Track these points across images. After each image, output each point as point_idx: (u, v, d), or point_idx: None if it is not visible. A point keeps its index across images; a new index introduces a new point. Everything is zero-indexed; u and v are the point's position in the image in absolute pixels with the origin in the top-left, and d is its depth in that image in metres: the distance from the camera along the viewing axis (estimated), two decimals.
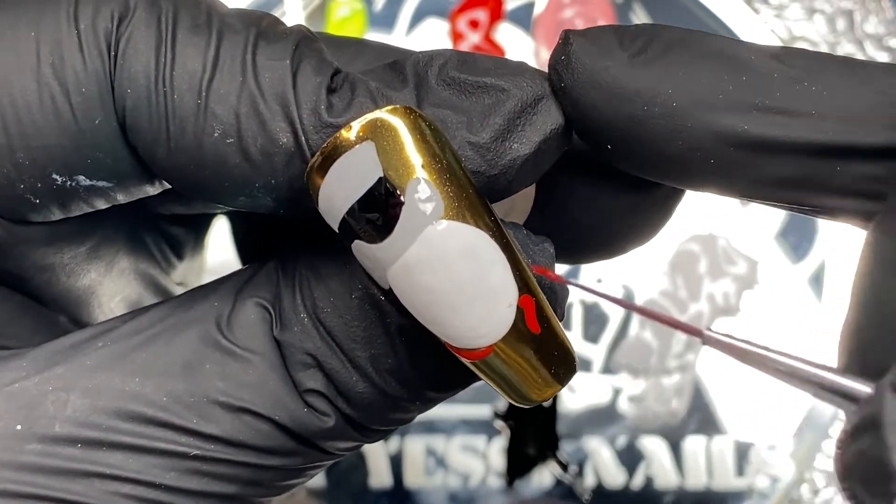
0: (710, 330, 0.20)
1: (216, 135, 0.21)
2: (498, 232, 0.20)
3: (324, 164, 0.20)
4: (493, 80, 0.21)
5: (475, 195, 0.20)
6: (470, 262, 0.20)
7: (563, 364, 0.21)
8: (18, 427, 0.21)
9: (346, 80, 0.21)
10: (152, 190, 0.23)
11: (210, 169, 0.21)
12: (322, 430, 0.23)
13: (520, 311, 0.20)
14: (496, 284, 0.20)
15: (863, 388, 0.19)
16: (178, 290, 0.32)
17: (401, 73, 0.22)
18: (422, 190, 0.19)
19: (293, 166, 0.21)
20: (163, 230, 0.29)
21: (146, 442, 0.22)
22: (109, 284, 0.27)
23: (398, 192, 0.19)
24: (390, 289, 0.20)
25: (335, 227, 0.20)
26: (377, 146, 0.19)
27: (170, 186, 0.23)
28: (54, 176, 0.22)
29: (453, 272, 0.20)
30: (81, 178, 0.22)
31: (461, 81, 0.21)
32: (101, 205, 0.23)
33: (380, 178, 0.19)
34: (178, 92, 0.21)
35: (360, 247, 0.20)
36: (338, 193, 0.20)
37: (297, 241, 0.23)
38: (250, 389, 0.22)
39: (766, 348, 0.20)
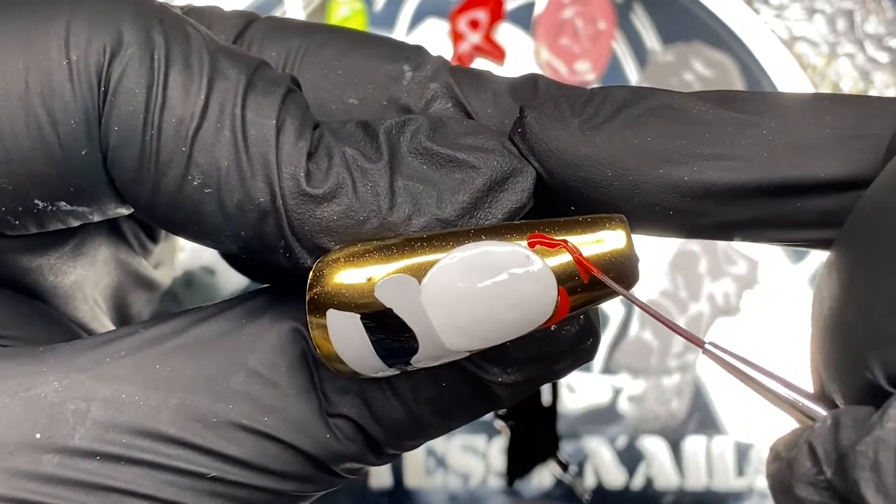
0: (712, 344, 0.21)
1: (196, 183, 0.21)
2: (468, 237, 0.21)
3: (329, 353, 0.21)
4: (464, 155, 0.21)
5: (429, 238, 0.21)
6: (476, 279, 0.20)
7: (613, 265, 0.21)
8: (37, 436, 0.21)
9: (321, 141, 0.21)
10: (126, 212, 0.23)
11: (184, 213, 0.21)
12: (341, 455, 0.23)
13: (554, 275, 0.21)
14: (512, 280, 0.20)
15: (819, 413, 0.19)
16: (156, 275, 0.32)
17: (374, 139, 0.22)
18: (388, 284, 0.20)
19: (265, 224, 0.21)
20: (136, 216, 0.30)
21: (165, 460, 0.22)
22: (93, 277, 0.28)
23: (383, 309, 0.20)
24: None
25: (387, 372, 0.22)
26: (338, 306, 0.20)
27: None
28: (36, 201, 0.22)
29: (473, 298, 0.20)
30: (63, 203, 0.22)
31: (433, 152, 0.22)
32: (76, 223, 0.23)
33: (362, 315, 0.20)
34: (165, 137, 0.21)
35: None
36: (357, 353, 0.21)
37: None
38: (274, 414, 0.22)
39: (763, 370, 0.20)
